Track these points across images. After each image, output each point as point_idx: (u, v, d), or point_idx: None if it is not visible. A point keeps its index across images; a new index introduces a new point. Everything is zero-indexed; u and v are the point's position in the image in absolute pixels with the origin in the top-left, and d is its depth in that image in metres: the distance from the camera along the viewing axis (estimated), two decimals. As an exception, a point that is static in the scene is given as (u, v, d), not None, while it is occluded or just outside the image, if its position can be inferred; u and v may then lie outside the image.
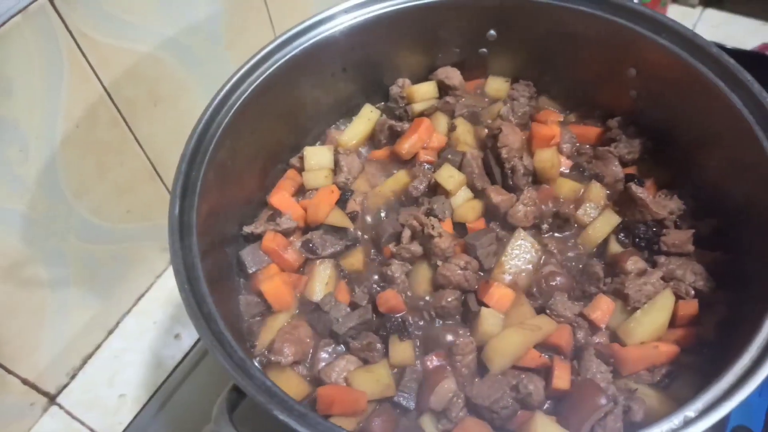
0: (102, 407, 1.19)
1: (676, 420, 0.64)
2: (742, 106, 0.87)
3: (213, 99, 0.90)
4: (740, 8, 1.62)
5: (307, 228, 1.04)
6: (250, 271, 0.98)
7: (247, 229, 1.01)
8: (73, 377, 1.22)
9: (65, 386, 1.21)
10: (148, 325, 1.29)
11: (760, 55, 1.45)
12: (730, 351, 0.71)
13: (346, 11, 1.03)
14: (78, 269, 1.14)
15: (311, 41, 1.00)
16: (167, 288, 1.35)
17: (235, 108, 0.91)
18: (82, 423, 1.18)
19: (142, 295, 1.34)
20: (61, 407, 1.19)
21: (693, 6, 1.68)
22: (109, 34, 1.01)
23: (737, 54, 0.91)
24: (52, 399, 1.19)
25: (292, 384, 0.87)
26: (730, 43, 0.94)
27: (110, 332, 1.28)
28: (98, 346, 1.26)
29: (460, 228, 1.02)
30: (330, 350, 0.91)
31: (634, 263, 0.93)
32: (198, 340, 1.21)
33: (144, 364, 1.24)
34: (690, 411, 0.65)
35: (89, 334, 1.24)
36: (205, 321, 0.70)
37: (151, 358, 1.25)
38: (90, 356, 1.25)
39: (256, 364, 0.74)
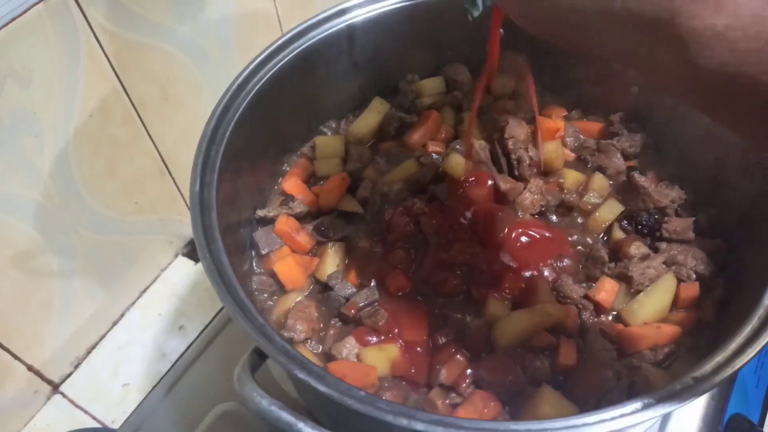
0: (105, 397, 1.19)
1: (678, 385, 0.66)
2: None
3: (230, 86, 0.92)
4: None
5: (318, 213, 1.07)
6: (263, 252, 1.00)
7: (260, 213, 1.03)
8: (77, 366, 1.22)
9: (69, 375, 1.21)
10: (153, 317, 1.30)
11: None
12: (728, 333, 0.73)
13: (360, 5, 1.06)
14: (86, 260, 1.15)
15: (319, 36, 1.02)
16: (172, 281, 1.36)
17: (250, 96, 0.93)
18: (86, 412, 1.17)
19: (147, 288, 1.35)
20: (64, 396, 1.19)
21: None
22: (127, 28, 1.03)
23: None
24: (55, 387, 1.19)
25: (304, 359, 0.88)
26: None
27: (115, 323, 1.29)
28: (103, 337, 1.27)
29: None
30: (340, 327, 0.93)
31: (637, 248, 0.95)
32: (202, 331, 1.22)
33: (148, 355, 1.25)
34: (689, 378, 0.67)
35: (94, 325, 1.25)
36: (227, 288, 0.72)
37: (155, 350, 1.26)
38: (94, 347, 1.25)
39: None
